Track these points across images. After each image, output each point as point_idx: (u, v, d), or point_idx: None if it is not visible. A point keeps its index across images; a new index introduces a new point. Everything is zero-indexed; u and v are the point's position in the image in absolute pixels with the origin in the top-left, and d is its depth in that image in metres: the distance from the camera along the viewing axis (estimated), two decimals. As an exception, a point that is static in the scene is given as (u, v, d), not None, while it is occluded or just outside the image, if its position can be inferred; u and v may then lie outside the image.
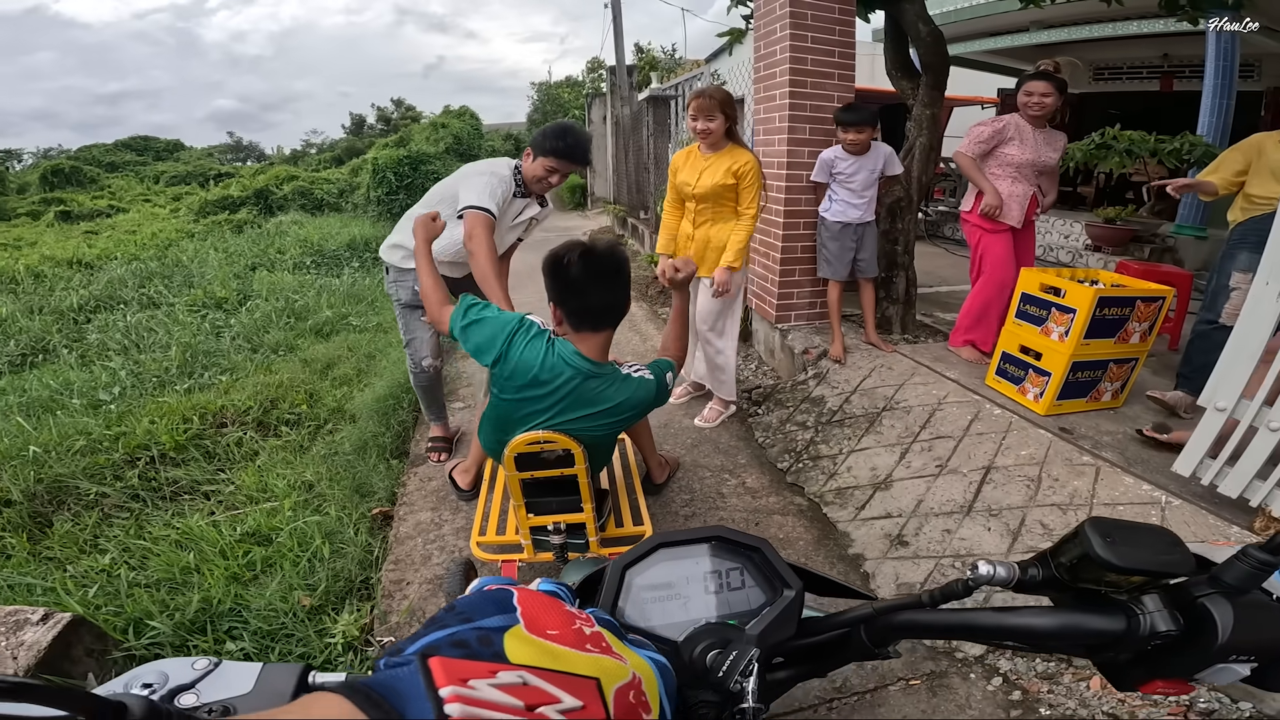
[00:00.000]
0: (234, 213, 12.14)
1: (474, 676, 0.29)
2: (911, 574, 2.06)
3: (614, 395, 1.62)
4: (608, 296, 1.58)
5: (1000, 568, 0.45)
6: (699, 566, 0.56)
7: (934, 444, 2.56)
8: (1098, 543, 0.41)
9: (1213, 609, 0.39)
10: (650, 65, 14.84)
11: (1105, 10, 3.96)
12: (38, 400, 3.51)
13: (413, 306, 2.54)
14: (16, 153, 36.69)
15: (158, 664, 0.46)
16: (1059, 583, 0.44)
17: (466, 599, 0.38)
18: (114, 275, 6.77)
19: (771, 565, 0.55)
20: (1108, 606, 0.43)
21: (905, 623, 0.51)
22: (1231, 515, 1.89)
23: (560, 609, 0.39)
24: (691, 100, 2.79)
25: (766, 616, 0.53)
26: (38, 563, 2.16)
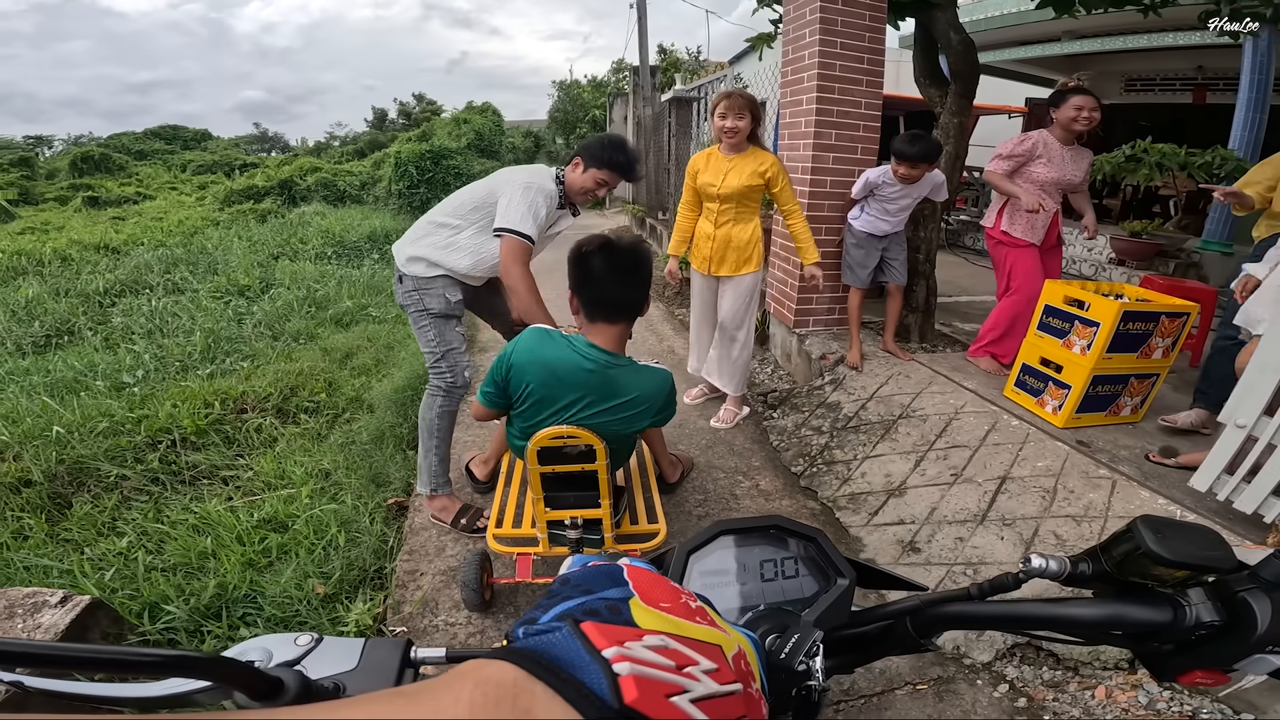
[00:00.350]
0: (258, 202, 12.29)
1: (627, 639, 0.29)
2: (923, 580, 2.03)
3: (633, 385, 1.66)
4: (624, 290, 1.64)
5: (1052, 561, 0.46)
6: (756, 554, 0.58)
7: (950, 453, 2.55)
8: (1150, 537, 0.43)
9: (1253, 602, 0.41)
10: (674, 66, 14.83)
11: (1141, 21, 3.89)
12: (62, 381, 3.56)
13: (448, 316, 2.27)
14: (48, 139, 37.47)
15: (260, 640, 0.46)
16: (1107, 577, 0.46)
17: (577, 573, 0.38)
18: (140, 260, 6.88)
19: (826, 555, 0.57)
20: (1154, 598, 0.45)
21: (953, 614, 0.53)
22: (1245, 530, 1.91)
23: (666, 584, 0.39)
24: (719, 99, 2.80)
25: (823, 603, 0.54)
26: (55, 544, 2.17)
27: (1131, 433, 2.63)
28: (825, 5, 3.10)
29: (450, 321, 2.31)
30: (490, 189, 2.17)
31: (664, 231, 7.68)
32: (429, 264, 2.22)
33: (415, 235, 2.27)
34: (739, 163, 2.84)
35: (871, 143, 3.45)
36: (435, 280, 2.25)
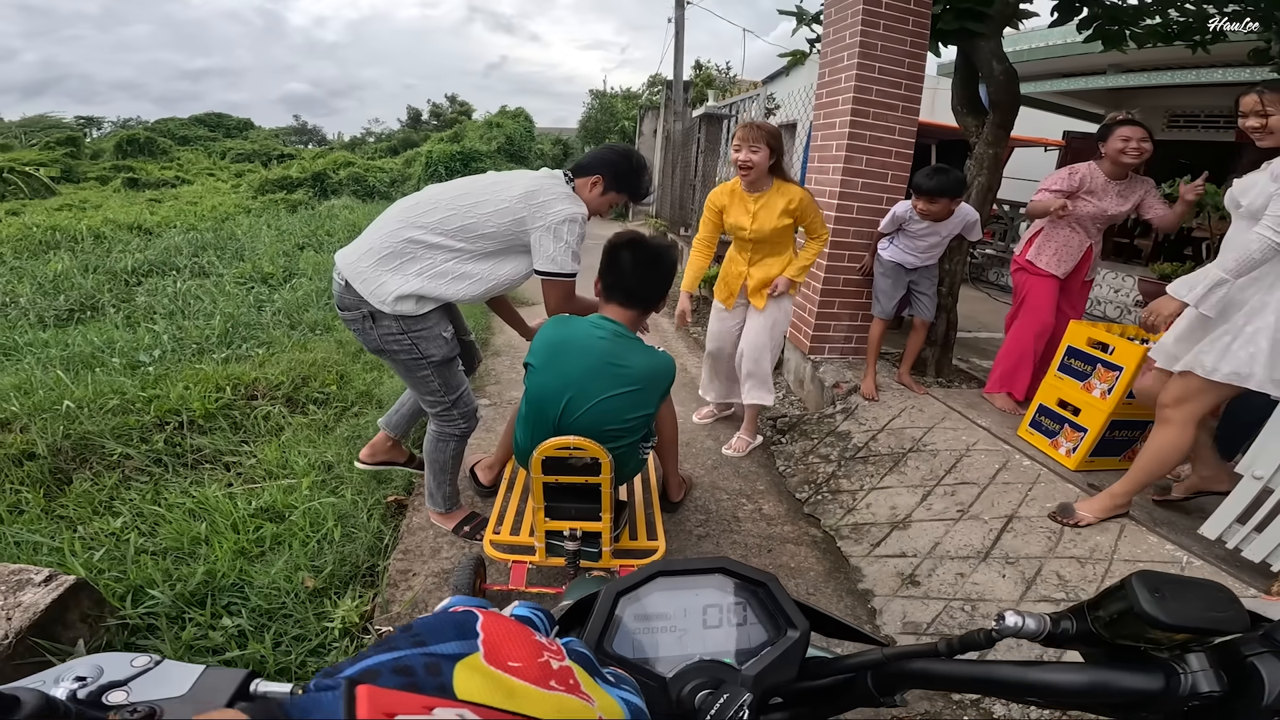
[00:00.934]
0: (291, 193, 12.55)
1: (403, 711, 0.26)
2: (920, 614, 2.05)
3: (638, 361, 1.78)
4: (640, 281, 1.84)
5: (1030, 619, 0.41)
6: (699, 599, 0.53)
7: (958, 489, 2.52)
8: (1145, 598, 0.38)
9: (1261, 668, 0.37)
10: (707, 83, 14.90)
11: (1189, 57, 3.81)
12: (79, 355, 3.60)
13: (450, 359, 2.04)
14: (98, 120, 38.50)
15: (96, 657, 0.45)
16: (1093, 638, 0.41)
17: (425, 619, 0.36)
18: (171, 242, 7.02)
19: (777, 602, 0.52)
20: (1145, 664, 0.40)
21: (918, 671, 0.48)
22: (1250, 578, 1.90)
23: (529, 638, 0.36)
24: (739, 130, 2.70)
25: (766, 657, 0.50)
26: (49, 520, 2.17)
27: None
28: (866, 30, 3.07)
29: (453, 363, 2.07)
30: (515, 218, 1.88)
31: (684, 248, 7.67)
32: (420, 299, 1.88)
33: (392, 258, 1.85)
34: (766, 201, 2.72)
35: (903, 170, 3.40)
36: (429, 318, 1.92)
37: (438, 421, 2.14)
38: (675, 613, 0.52)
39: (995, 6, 3.15)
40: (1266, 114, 1.89)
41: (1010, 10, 3.20)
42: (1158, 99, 7.72)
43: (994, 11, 3.16)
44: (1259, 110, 1.90)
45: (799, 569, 2.33)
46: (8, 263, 6.05)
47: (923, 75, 3.25)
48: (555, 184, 1.95)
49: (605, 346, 1.76)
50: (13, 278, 5.42)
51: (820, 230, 2.81)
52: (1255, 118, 1.91)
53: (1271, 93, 1.88)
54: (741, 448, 3.17)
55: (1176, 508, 2.35)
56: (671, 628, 0.52)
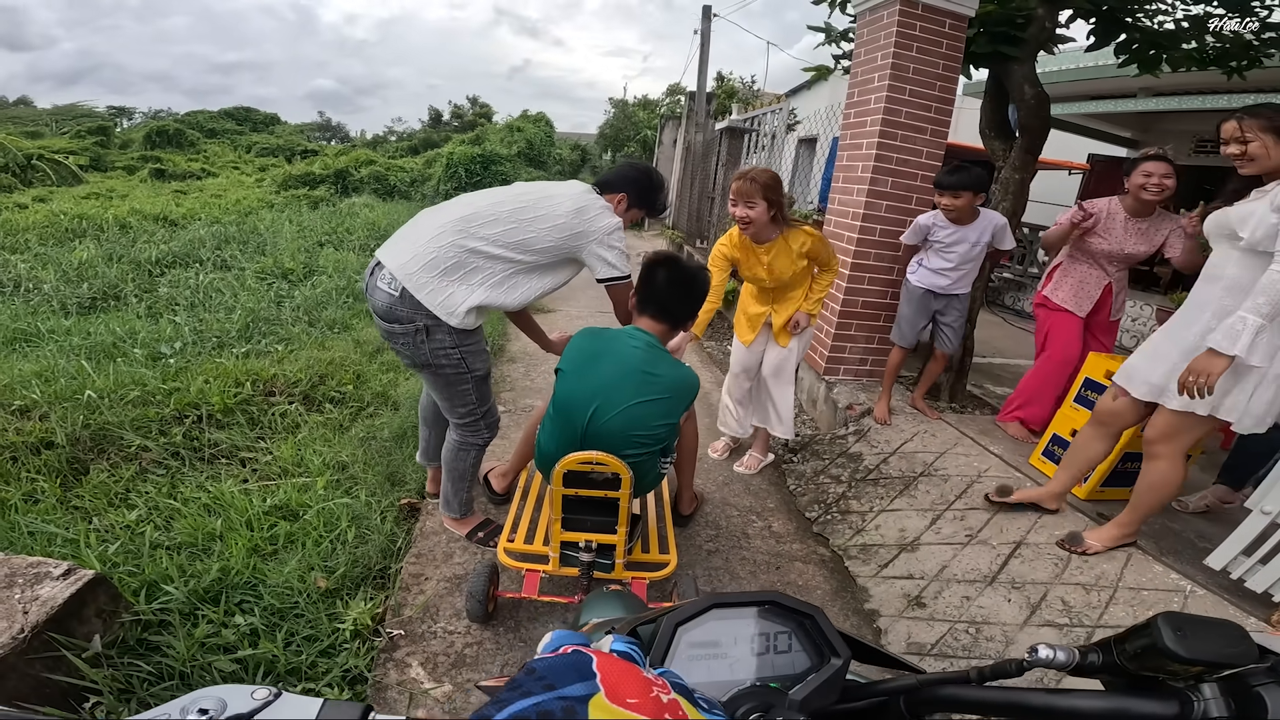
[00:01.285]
0: (313, 189, 12.69)
1: None
2: (924, 635, 2.05)
3: (666, 370, 1.82)
4: (674, 298, 1.92)
5: (1060, 651, 0.45)
6: (748, 628, 0.56)
7: (967, 514, 2.52)
8: (1169, 635, 0.42)
9: (1266, 696, 0.41)
10: (729, 95, 14.94)
11: (1223, 82, 3.77)
12: (100, 345, 3.65)
13: (488, 374, 2.13)
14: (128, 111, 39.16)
15: (217, 689, 0.45)
16: (1117, 668, 0.45)
17: (545, 661, 0.37)
18: (195, 235, 7.11)
19: (822, 632, 0.56)
20: (1162, 691, 0.44)
21: (949, 697, 0.51)
22: (1251, 608, 1.94)
23: (637, 675, 0.38)
24: (733, 183, 2.59)
25: (811, 683, 0.53)
26: (64, 511, 2.17)
27: None
28: (899, 51, 3.06)
29: (489, 377, 2.14)
30: (572, 233, 1.95)
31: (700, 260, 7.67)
32: (480, 310, 1.93)
33: (457, 269, 1.86)
34: (776, 250, 2.65)
35: (927, 193, 3.36)
36: (477, 333, 1.99)
37: (463, 432, 2.15)
38: (726, 641, 0.55)
39: (1030, 30, 3.14)
40: (1245, 140, 1.84)
41: (1046, 34, 3.18)
42: (1186, 123, 7.64)
43: (1029, 35, 3.14)
44: (1238, 137, 1.86)
45: (806, 587, 2.33)
46: (33, 249, 6.16)
47: (953, 98, 3.23)
48: (596, 199, 2.05)
49: (639, 355, 1.81)
50: (37, 264, 5.51)
51: (832, 262, 2.77)
52: (1235, 145, 1.87)
53: (1251, 119, 1.83)
54: (753, 465, 3.15)
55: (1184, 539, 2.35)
56: (723, 655, 0.55)
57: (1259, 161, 1.84)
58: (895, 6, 3.01)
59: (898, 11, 3.00)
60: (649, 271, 1.92)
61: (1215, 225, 1.98)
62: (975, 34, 3.21)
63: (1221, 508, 2.57)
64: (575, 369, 1.82)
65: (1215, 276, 1.95)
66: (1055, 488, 2.41)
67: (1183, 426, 1.99)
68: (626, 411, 1.74)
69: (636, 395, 1.75)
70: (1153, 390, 2.05)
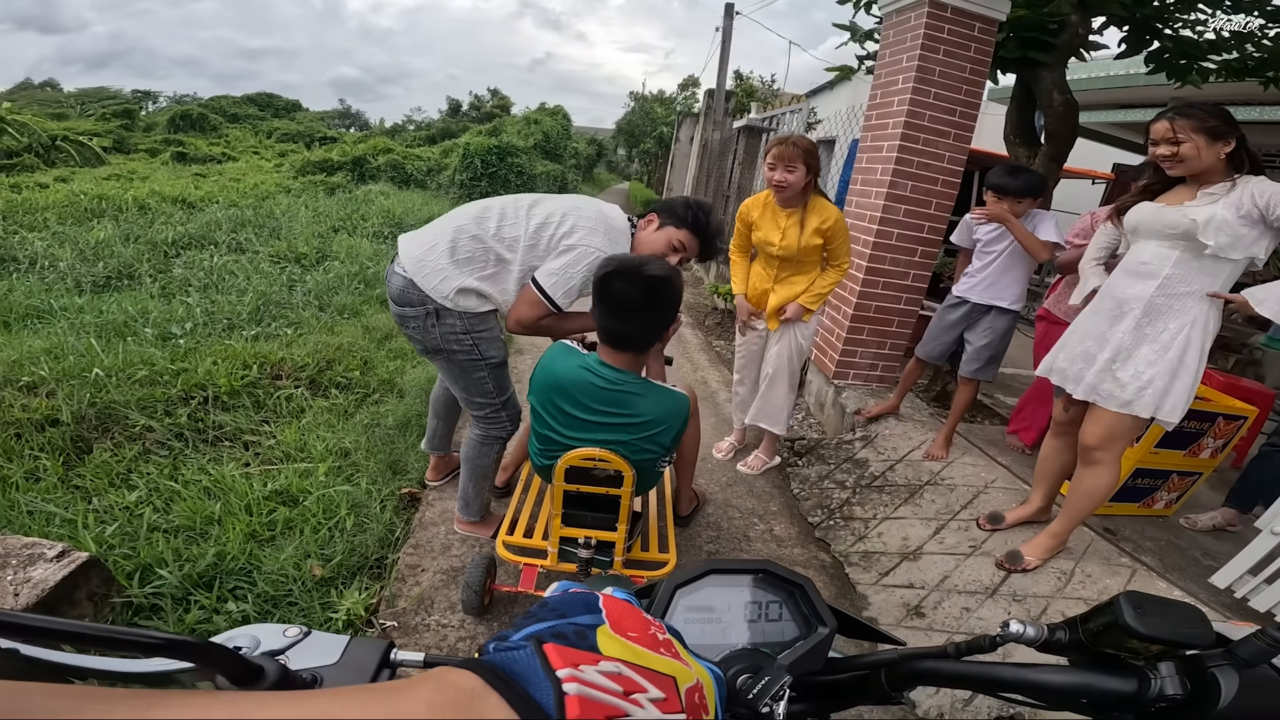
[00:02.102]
0: (330, 175, 12.72)
1: (583, 662, 0.31)
2: (922, 644, 1.97)
3: (647, 408, 1.65)
4: (625, 323, 1.61)
5: (1030, 627, 0.48)
6: (742, 595, 0.59)
7: (972, 525, 2.50)
8: (1129, 613, 0.44)
9: (1220, 677, 0.43)
10: (748, 94, 14.84)
11: (1256, 94, 3.67)
12: (112, 323, 3.66)
13: (504, 362, 2.07)
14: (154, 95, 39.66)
15: (250, 629, 0.48)
16: (1082, 646, 0.47)
17: (557, 597, 0.41)
18: (212, 217, 7.15)
19: (811, 602, 0.59)
20: (1123, 669, 0.47)
21: (927, 670, 0.54)
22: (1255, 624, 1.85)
23: (638, 615, 0.41)
24: (772, 145, 2.53)
25: (800, 649, 0.56)
26: (65, 490, 2.16)
27: (1161, 526, 2.60)
28: (925, 54, 2.98)
29: (506, 365, 2.07)
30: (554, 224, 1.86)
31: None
32: (482, 296, 1.88)
33: (453, 252, 1.84)
34: (797, 218, 2.58)
35: (947, 199, 3.29)
36: (489, 318, 1.93)
37: (484, 425, 2.10)
38: (721, 606, 0.58)
39: (1062, 37, 3.06)
40: (1178, 141, 1.79)
41: (1078, 41, 3.11)
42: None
43: (1060, 42, 3.07)
44: (1170, 138, 1.81)
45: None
46: (51, 228, 6.20)
47: (979, 103, 3.14)
48: (600, 216, 1.90)
49: (608, 398, 1.63)
50: (54, 242, 5.55)
51: (844, 258, 2.67)
52: (1166, 145, 1.82)
53: (1183, 119, 1.79)
54: (757, 466, 3.11)
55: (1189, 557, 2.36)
56: (718, 619, 0.58)
57: (1189, 163, 1.80)
58: (924, 9, 2.94)
59: (925, 14, 2.93)
60: (597, 288, 1.60)
61: (1149, 222, 1.92)
62: (1004, 38, 3.14)
63: (1227, 530, 2.58)
64: (545, 405, 1.69)
65: (1146, 274, 1.92)
66: (1038, 503, 2.40)
67: (1121, 429, 1.99)
68: (611, 447, 1.65)
69: (618, 434, 1.65)
70: (1089, 390, 2.03)
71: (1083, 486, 2.11)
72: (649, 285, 1.54)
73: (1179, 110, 1.81)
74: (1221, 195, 1.78)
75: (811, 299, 2.70)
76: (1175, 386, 1.90)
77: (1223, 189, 1.79)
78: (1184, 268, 1.86)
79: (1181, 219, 1.82)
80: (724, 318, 6.04)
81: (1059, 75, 3.10)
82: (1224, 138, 1.77)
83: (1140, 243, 1.96)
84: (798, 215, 2.60)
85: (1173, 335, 1.89)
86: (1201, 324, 1.87)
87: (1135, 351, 1.93)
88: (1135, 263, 1.96)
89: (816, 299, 2.70)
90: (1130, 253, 2.00)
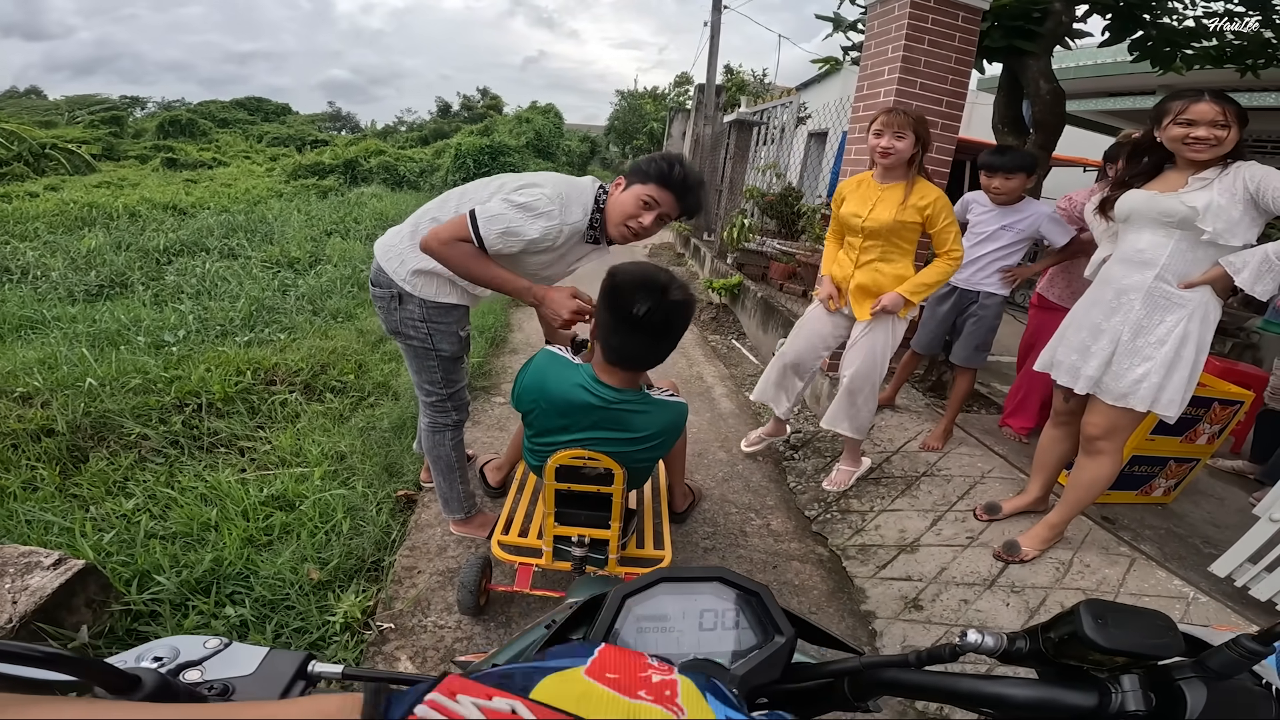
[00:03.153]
0: (322, 179, 12.71)
1: (468, 694, 0.31)
2: (921, 638, 2.03)
3: (645, 423, 1.64)
4: (649, 350, 1.57)
5: (988, 637, 0.46)
6: (697, 603, 0.58)
7: (968, 516, 2.50)
8: (1089, 623, 0.42)
9: (1187, 691, 0.41)
10: (739, 88, 14.82)
11: (1239, 80, 3.69)
12: (105, 332, 3.65)
13: (458, 357, 2.03)
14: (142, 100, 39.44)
15: (171, 639, 0.49)
16: (1044, 657, 0.46)
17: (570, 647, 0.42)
18: (203, 223, 7.13)
19: (768, 610, 0.57)
20: (1083, 682, 0.45)
21: (889, 679, 0.53)
22: (1255, 615, 1.94)
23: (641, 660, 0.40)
24: (878, 114, 2.33)
25: (754, 659, 0.54)
26: (63, 499, 2.17)
27: (1160, 514, 2.60)
28: (910, 44, 2.98)
29: (460, 360, 2.04)
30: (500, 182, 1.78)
31: (707, 252, 7.62)
32: (431, 276, 1.83)
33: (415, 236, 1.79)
34: (892, 193, 2.36)
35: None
36: (451, 313, 1.91)
37: (430, 411, 2.10)
38: (675, 615, 0.57)
39: (1047, 25, 3.07)
40: (1227, 125, 1.73)
41: (1062, 29, 3.12)
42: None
43: (1045, 30, 3.08)
44: (1221, 121, 1.73)
45: (803, 587, 2.30)
46: (42, 237, 6.19)
47: (965, 93, 3.15)
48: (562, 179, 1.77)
49: (602, 416, 1.60)
50: (46, 252, 5.54)
51: (954, 245, 2.37)
52: (1209, 128, 1.74)
53: (1226, 103, 1.74)
54: (843, 480, 2.82)
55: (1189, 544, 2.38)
56: (670, 629, 0.56)
57: (1225, 147, 1.76)
58: (907, -2, 2.94)
59: (909, 3, 2.93)
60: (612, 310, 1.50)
61: (1143, 209, 1.89)
62: (990, 27, 3.14)
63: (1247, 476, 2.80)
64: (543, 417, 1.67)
65: (1143, 262, 1.90)
66: (1036, 493, 2.40)
67: (1124, 420, 2.00)
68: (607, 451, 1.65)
69: (615, 447, 1.64)
70: (1090, 383, 2.03)
71: (1084, 477, 2.10)
72: (672, 308, 1.49)
73: (1215, 94, 1.76)
74: (1214, 180, 1.76)
75: (915, 289, 2.39)
76: (1172, 380, 1.88)
77: (1214, 174, 1.77)
78: (1180, 256, 1.84)
79: (1178, 206, 1.80)
80: (718, 312, 6.05)
81: (1045, 64, 3.11)
82: (1245, 124, 1.76)
83: (1135, 231, 1.93)
84: (894, 190, 2.36)
85: (1169, 328, 1.87)
86: (1200, 315, 1.85)
87: (1133, 344, 1.92)
88: (1131, 250, 1.93)
89: (921, 290, 2.40)
90: (1125, 241, 1.96)
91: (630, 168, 1.82)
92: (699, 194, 1.77)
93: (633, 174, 1.77)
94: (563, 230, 1.72)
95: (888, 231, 2.38)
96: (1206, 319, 1.86)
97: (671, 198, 1.73)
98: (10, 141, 12.79)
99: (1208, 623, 1.88)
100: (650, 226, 1.75)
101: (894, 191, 2.37)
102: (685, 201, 1.75)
